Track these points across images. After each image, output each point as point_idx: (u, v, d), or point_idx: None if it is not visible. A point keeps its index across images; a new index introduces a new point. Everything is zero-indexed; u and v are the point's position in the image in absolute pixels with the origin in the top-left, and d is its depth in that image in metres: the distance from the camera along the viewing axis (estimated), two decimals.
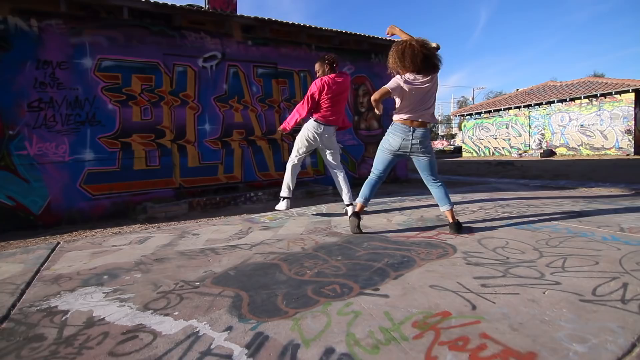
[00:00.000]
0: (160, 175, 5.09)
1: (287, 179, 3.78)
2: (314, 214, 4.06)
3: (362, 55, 6.98)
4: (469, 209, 4.01)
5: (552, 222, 3.24)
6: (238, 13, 5.40)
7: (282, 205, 3.77)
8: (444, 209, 3.00)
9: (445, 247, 2.57)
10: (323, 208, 4.44)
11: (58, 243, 3.26)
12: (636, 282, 1.83)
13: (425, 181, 3.10)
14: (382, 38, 6.73)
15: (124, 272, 2.32)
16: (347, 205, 3.70)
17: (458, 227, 2.92)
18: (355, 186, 6.73)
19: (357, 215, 3.07)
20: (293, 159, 3.79)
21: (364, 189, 3.11)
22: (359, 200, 3.10)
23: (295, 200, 5.39)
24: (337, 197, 5.39)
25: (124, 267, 2.42)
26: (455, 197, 4.88)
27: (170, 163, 5.15)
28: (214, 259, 2.52)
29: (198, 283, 2.06)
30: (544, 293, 1.76)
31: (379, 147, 3.08)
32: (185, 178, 5.29)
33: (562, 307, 1.61)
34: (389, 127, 3.00)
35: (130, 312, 1.73)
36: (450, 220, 2.96)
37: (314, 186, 5.84)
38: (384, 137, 3.03)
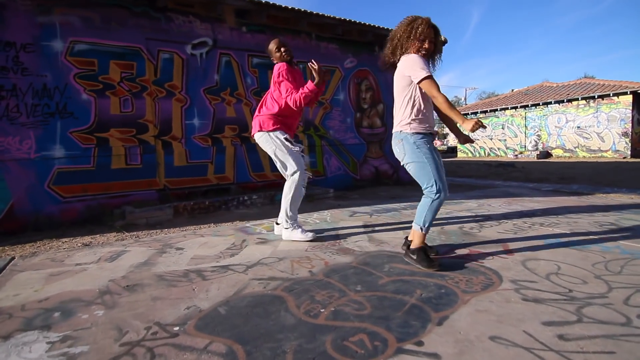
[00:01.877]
0: (142, 175, 4.52)
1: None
2: (317, 223, 3.56)
3: (365, 48, 6.48)
4: (492, 218, 3.55)
5: (596, 237, 2.80)
6: None
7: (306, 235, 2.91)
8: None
9: (487, 273, 2.10)
10: (326, 215, 3.94)
11: (12, 258, 2.70)
12: None
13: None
14: (387, 29, 6.23)
15: (82, 307, 1.79)
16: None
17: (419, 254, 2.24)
18: (356, 188, 6.30)
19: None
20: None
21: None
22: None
23: None
24: (340, 202, 4.91)
25: (84, 299, 1.89)
26: (469, 203, 4.45)
27: (154, 161, 4.59)
28: (200, 286, 2.01)
29: (177, 328, 1.55)
30: None
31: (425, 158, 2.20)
32: (170, 178, 4.74)
33: None
34: (414, 138, 2.21)
35: None
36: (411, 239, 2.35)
37: (314, 189, 5.33)
38: (416, 149, 2.20)
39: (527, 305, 1.68)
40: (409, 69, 2.16)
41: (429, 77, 2.10)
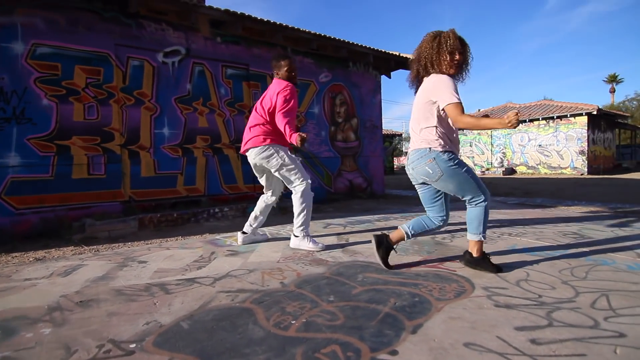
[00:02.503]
0: (106, 185, 4.29)
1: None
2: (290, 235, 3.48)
3: (339, 63, 6.59)
4: (463, 229, 3.61)
5: (560, 245, 2.89)
6: (207, 4, 4.81)
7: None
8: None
9: (459, 280, 2.09)
10: None
11: None
12: None
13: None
14: (361, 45, 6.39)
15: (27, 325, 1.62)
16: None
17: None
18: (330, 201, 6.26)
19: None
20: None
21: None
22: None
23: (267, 217, 4.78)
24: (314, 214, 4.84)
25: (30, 316, 1.71)
26: None
27: (119, 172, 4.37)
28: (162, 300, 1.87)
29: (134, 345, 1.42)
30: (616, 352, 1.32)
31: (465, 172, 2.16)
32: (137, 190, 4.52)
33: None
34: (447, 155, 2.14)
35: None
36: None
37: (288, 201, 5.24)
38: (455, 167, 2.14)
39: (499, 311, 1.67)
40: (437, 91, 2.08)
41: (454, 104, 2.02)
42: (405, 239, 2.34)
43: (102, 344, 1.43)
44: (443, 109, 2.10)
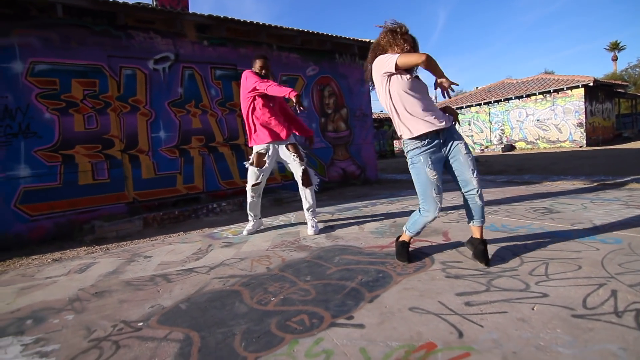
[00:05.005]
0: (111, 189, 4.61)
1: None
2: (281, 225, 3.78)
3: (325, 56, 6.78)
4: (441, 210, 3.88)
5: (526, 221, 3.16)
6: (191, 11, 5.01)
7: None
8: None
9: (422, 257, 2.38)
10: (292, 217, 4.17)
11: None
12: (625, 289, 1.71)
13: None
14: (345, 37, 6.56)
15: (53, 314, 1.95)
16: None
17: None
18: (325, 190, 6.55)
19: None
20: None
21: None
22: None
23: (263, 209, 5.09)
24: None
25: (55, 307, 2.04)
26: None
27: (122, 175, 4.69)
28: (164, 288, 2.19)
29: (141, 323, 1.74)
30: (533, 309, 1.61)
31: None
32: (139, 191, 4.84)
33: (555, 327, 1.44)
34: (408, 151, 2.19)
35: None
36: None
37: (282, 192, 5.55)
38: (411, 165, 2.21)
39: (448, 281, 1.96)
40: (382, 67, 2.01)
41: (400, 56, 1.92)
42: (406, 233, 2.34)
43: (116, 324, 1.75)
44: (398, 78, 2.03)
